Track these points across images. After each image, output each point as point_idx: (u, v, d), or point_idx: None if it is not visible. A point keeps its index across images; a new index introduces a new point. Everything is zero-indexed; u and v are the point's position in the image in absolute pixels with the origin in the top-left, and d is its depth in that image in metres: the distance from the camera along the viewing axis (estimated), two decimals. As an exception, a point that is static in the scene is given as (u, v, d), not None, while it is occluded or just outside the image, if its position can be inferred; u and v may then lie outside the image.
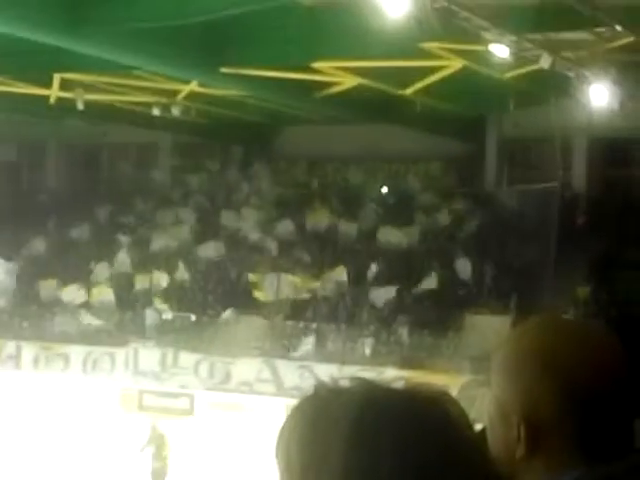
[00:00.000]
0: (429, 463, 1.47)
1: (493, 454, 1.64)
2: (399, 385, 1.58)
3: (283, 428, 1.56)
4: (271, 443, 1.57)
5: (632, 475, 1.61)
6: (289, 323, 25.31)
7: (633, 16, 16.70)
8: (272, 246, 27.38)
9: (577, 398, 1.61)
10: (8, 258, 28.56)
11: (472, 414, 1.56)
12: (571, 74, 18.72)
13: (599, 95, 19.61)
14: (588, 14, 16.13)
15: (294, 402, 1.61)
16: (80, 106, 24.02)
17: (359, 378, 1.55)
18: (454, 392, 21.63)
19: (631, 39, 18.01)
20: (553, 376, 1.62)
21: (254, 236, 28.07)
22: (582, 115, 22.00)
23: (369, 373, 22.85)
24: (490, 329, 22.51)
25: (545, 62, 17.30)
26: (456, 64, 20.65)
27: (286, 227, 27.96)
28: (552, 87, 21.49)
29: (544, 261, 24.72)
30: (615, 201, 25.95)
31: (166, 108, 25.64)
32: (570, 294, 23.86)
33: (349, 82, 22.49)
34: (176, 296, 26.83)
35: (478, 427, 1.72)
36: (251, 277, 26.39)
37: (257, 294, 25.97)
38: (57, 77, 23.07)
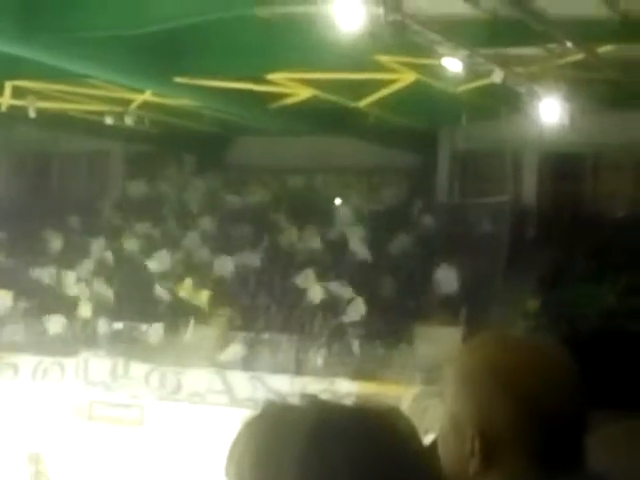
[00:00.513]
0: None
1: (445, 468, 1.64)
2: (349, 401, 1.57)
3: (234, 447, 1.53)
4: (222, 454, 1.55)
5: None
6: (241, 333, 25.27)
7: (584, 33, 16.93)
8: (222, 256, 27.34)
9: (533, 413, 1.62)
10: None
11: (424, 424, 1.58)
12: (522, 89, 18.92)
13: (550, 110, 19.82)
14: (540, 30, 16.33)
15: (247, 413, 1.59)
16: (32, 114, 23.85)
17: (309, 395, 1.54)
18: (406, 403, 21.73)
19: (582, 55, 18.26)
20: (509, 391, 1.62)
21: (204, 246, 28.04)
22: (533, 130, 22.22)
23: (321, 384, 22.89)
24: (441, 340, 22.63)
25: (497, 77, 17.48)
26: (409, 77, 20.78)
27: (240, 236, 27.96)
28: (504, 102, 21.69)
29: (494, 273, 24.91)
30: (565, 215, 26.22)
31: (119, 117, 25.54)
32: (520, 307, 24.06)
33: (303, 94, 22.55)
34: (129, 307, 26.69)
35: (430, 439, 1.73)
36: (196, 289, 26.32)
37: (205, 305, 25.93)
38: (9, 85, 22.90)
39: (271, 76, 20.61)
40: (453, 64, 16.81)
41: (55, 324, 26.52)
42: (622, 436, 1.91)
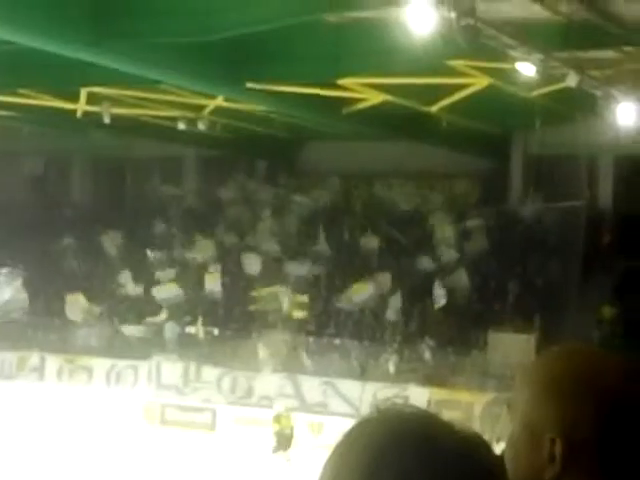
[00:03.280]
0: None
1: (515, 478, 1.62)
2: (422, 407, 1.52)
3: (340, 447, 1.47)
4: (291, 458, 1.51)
5: None
6: (312, 339, 25.29)
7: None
8: (295, 261, 27.39)
9: (615, 422, 1.61)
10: (31, 270, 28.68)
11: (496, 432, 1.54)
12: (598, 92, 18.65)
13: (625, 113, 19.52)
14: (615, 33, 16.09)
15: (316, 418, 1.54)
16: (106, 120, 24.14)
17: (384, 405, 1.49)
18: (478, 410, 21.57)
19: (658, 58, 17.95)
20: (595, 398, 1.62)
21: (277, 251, 28.12)
22: (608, 133, 21.91)
23: (392, 390, 22.82)
24: (514, 347, 22.41)
25: (572, 80, 17.25)
26: (482, 82, 20.63)
27: (312, 242, 27.99)
28: (578, 105, 21.42)
29: (569, 279, 24.60)
30: (641, 220, 25.78)
31: (192, 122, 25.73)
32: (595, 313, 23.72)
33: (374, 99, 22.50)
34: (201, 310, 26.86)
35: (501, 448, 1.70)
36: (269, 293, 26.38)
37: (278, 310, 25.98)
38: (84, 91, 23.20)
39: (342, 81, 20.59)
40: (527, 68, 16.63)
41: (128, 328, 26.80)
42: None
